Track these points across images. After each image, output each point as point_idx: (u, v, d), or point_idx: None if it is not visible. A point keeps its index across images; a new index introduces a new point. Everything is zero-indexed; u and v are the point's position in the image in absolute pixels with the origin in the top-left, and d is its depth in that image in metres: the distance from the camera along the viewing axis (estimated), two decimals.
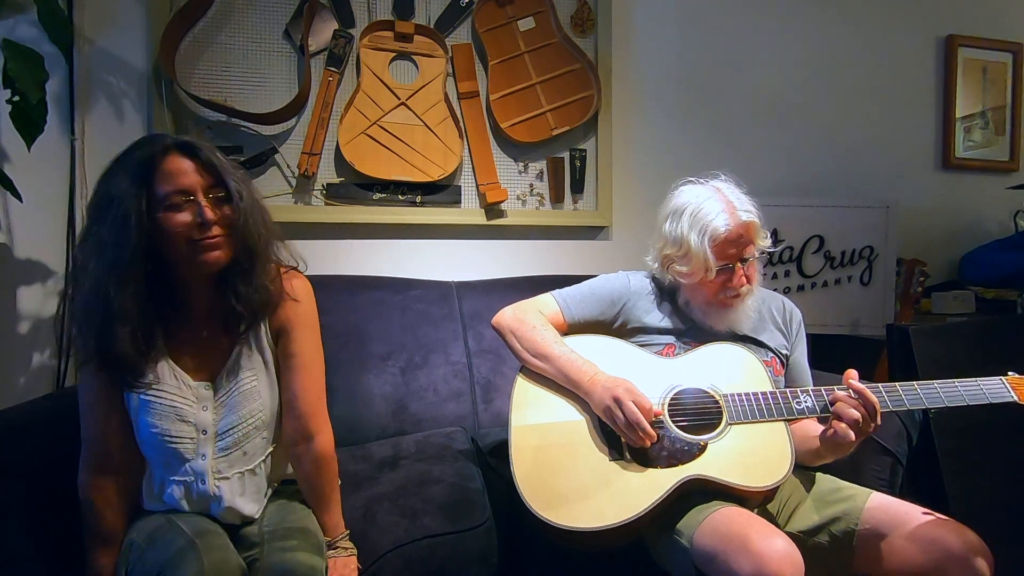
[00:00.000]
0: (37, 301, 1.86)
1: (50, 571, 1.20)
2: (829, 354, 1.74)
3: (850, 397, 1.24)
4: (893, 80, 2.66)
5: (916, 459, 1.63)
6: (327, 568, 1.15)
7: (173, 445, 1.16)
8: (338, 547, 1.24)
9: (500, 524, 1.40)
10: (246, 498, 1.22)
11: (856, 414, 1.22)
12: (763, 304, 1.51)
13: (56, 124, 1.82)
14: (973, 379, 1.28)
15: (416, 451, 1.60)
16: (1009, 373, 1.27)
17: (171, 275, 1.16)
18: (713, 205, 1.39)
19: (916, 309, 2.36)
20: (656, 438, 1.27)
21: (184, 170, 1.09)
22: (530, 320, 1.45)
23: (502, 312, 1.50)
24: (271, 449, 1.26)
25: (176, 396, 1.17)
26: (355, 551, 1.25)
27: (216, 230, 1.11)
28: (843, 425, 1.22)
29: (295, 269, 1.29)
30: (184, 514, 1.18)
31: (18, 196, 1.66)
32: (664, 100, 2.40)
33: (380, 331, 1.87)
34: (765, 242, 1.44)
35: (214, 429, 1.19)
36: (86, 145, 1.88)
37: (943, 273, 2.70)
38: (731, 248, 1.38)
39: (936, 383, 1.28)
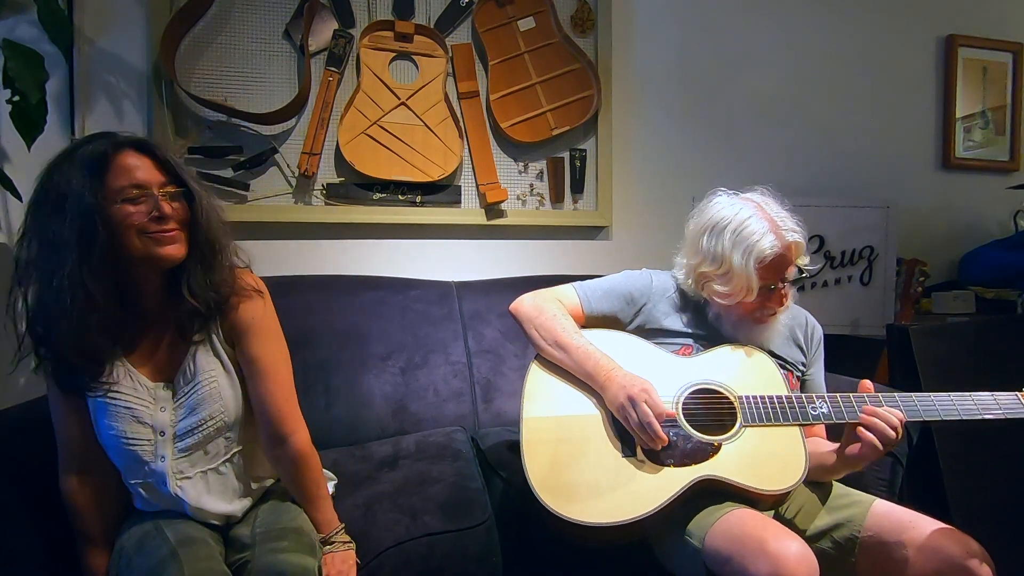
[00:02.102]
0: None
1: (49, 571, 1.20)
2: (829, 354, 1.74)
3: (880, 412, 1.22)
4: (893, 80, 2.66)
5: (917, 460, 1.63)
6: (320, 568, 1.14)
7: (131, 447, 1.15)
8: (335, 542, 1.23)
9: (501, 523, 1.40)
10: (214, 497, 1.20)
11: (892, 433, 1.20)
12: (791, 319, 1.49)
13: (56, 124, 1.82)
14: (989, 392, 1.26)
15: (416, 450, 1.60)
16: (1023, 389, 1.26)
17: (121, 275, 1.12)
18: (757, 224, 1.33)
19: (916, 309, 2.36)
20: (667, 442, 1.26)
21: (139, 165, 1.09)
22: (550, 309, 1.43)
23: (521, 299, 1.48)
24: (237, 449, 1.24)
25: (132, 397, 1.15)
26: (353, 544, 1.24)
27: (172, 224, 1.10)
28: (872, 438, 1.21)
29: (247, 268, 1.26)
30: (173, 519, 1.17)
31: (18, 196, 1.66)
32: (664, 100, 2.40)
33: (380, 331, 1.87)
34: (805, 259, 1.39)
35: (173, 430, 1.17)
36: None
37: (943, 273, 2.70)
38: (774, 269, 1.33)
39: (953, 396, 1.26)
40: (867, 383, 1.26)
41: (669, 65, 2.40)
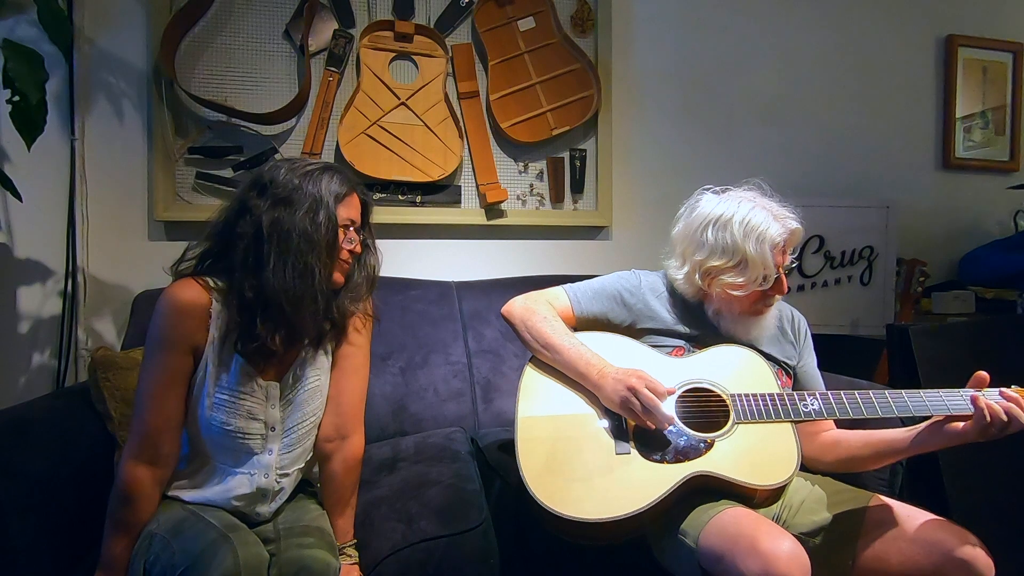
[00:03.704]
0: (37, 301, 1.87)
1: (50, 569, 1.20)
2: (829, 354, 1.74)
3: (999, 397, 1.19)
4: (893, 80, 2.66)
5: (916, 460, 1.62)
6: (339, 568, 1.17)
7: (243, 441, 1.22)
8: (344, 553, 1.25)
9: (500, 524, 1.40)
10: (284, 494, 1.28)
11: (1004, 416, 1.16)
12: (779, 314, 1.50)
13: (56, 124, 1.82)
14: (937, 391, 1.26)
15: (414, 452, 1.60)
16: (1012, 386, 1.25)
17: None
18: (760, 214, 1.37)
19: (916, 309, 2.36)
20: (674, 421, 1.28)
21: (358, 208, 1.32)
22: (540, 311, 1.44)
23: (512, 301, 1.49)
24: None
25: (248, 395, 1.22)
26: (358, 560, 1.26)
27: (351, 259, 1.31)
28: (999, 413, 1.16)
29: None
30: (208, 508, 1.20)
31: (18, 196, 1.66)
32: (664, 100, 2.40)
33: (380, 331, 1.85)
34: (793, 250, 1.43)
35: (282, 426, 1.25)
36: (86, 145, 1.88)
37: (943, 273, 2.70)
38: (780, 256, 1.37)
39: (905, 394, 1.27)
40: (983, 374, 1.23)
41: (669, 65, 2.40)
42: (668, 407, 1.31)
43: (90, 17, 1.88)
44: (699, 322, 1.46)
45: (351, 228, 1.29)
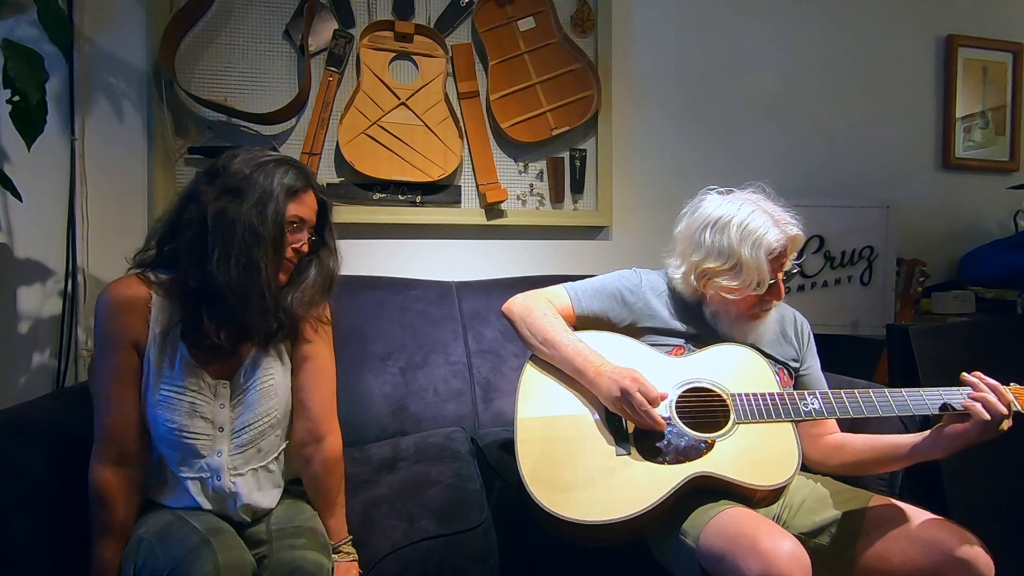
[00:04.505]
0: (37, 301, 1.86)
1: (50, 569, 1.20)
2: (829, 354, 1.74)
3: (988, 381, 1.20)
4: (893, 80, 2.66)
5: None
6: (332, 569, 1.16)
7: (189, 441, 1.18)
8: (340, 551, 1.24)
9: (500, 524, 1.40)
10: (263, 493, 1.24)
11: (1002, 407, 1.16)
12: (780, 316, 1.50)
13: (56, 124, 1.82)
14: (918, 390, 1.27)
15: (415, 452, 1.60)
16: (1011, 384, 1.26)
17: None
18: (760, 218, 1.36)
19: (916, 309, 2.36)
20: (665, 426, 1.28)
21: (313, 207, 1.27)
22: (540, 308, 1.44)
23: (512, 299, 1.49)
24: (284, 445, 1.29)
25: (195, 392, 1.19)
26: (356, 557, 1.26)
27: (296, 259, 1.26)
28: (981, 412, 1.16)
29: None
30: (194, 512, 1.19)
31: (18, 196, 1.66)
32: (664, 100, 2.40)
33: (380, 331, 1.87)
34: (793, 255, 1.41)
35: (231, 426, 1.22)
36: (86, 145, 1.88)
37: (943, 273, 2.70)
38: (778, 262, 1.36)
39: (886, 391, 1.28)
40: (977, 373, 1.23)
41: (669, 65, 2.40)
42: (662, 410, 1.31)
43: (90, 17, 1.88)
44: (699, 322, 1.46)
45: (303, 227, 1.24)
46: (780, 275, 1.38)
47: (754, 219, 1.36)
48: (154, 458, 1.22)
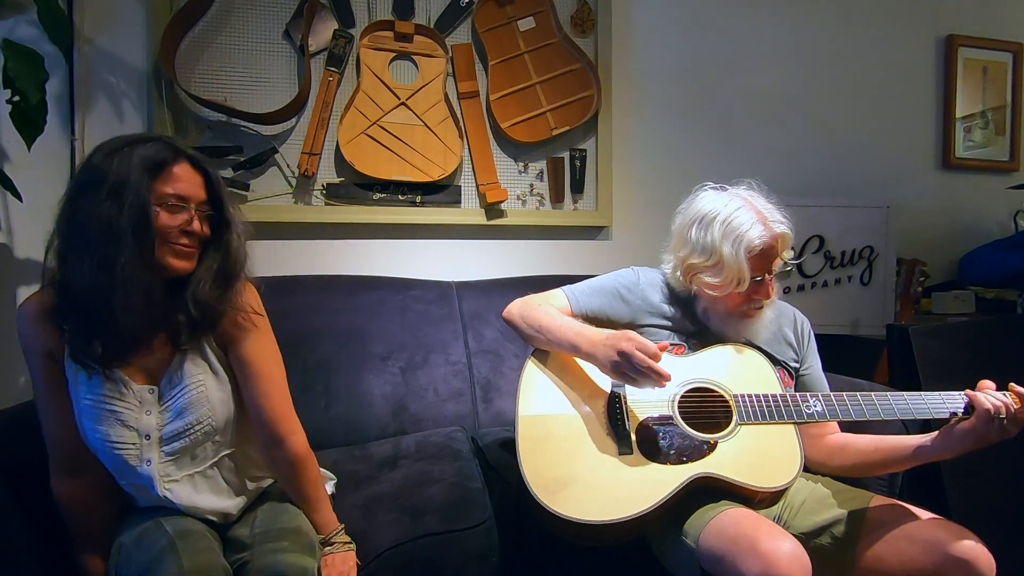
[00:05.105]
0: None
1: (50, 569, 1.20)
2: (829, 354, 1.74)
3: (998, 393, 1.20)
4: (893, 80, 2.66)
5: None
6: (319, 568, 1.14)
7: (117, 451, 1.14)
8: (335, 542, 1.23)
9: (500, 524, 1.40)
10: (206, 496, 1.20)
11: (1002, 396, 1.17)
12: (779, 316, 1.50)
13: (56, 124, 1.82)
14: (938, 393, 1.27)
15: (416, 451, 1.60)
16: (1011, 385, 1.26)
17: None
18: (746, 215, 1.35)
19: (916, 309, 2.36)
20: (670, 378, 1.24)
21: (189, 179, 1.14)
22: (536, 302, 1.46)
23: (511, 303, 1.50)
24: (227, 452, 1.23)
25: (117, 400, 1.14)
26: (354, 545, 1.24)
27: (193, 241, 1.15)
28: (983, 401, 1.17)
29: (253, 284, 1.27)
30: (173, 514, 1.17)
31: (18, 196, 1.66)
32: (664, 100, 2.40)
33: (380, 331, 1.87)
34: (789, 253, 1.40)
35: (159, 434, 1.16)
36: (86, 145, 1.88)
37: (943, 273, 2.70)
38: (763, 260, 1.35)
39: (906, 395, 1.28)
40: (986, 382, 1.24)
41: (669, 65, 2.40)
42: (664, 409, 1.31)
43: (90, 17, 1.88)
44: (695, 319, 1.46)
45: (187, 204, 1.13)
46: (768, 275, 1.37)
47: (739, 215, 1.35)
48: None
